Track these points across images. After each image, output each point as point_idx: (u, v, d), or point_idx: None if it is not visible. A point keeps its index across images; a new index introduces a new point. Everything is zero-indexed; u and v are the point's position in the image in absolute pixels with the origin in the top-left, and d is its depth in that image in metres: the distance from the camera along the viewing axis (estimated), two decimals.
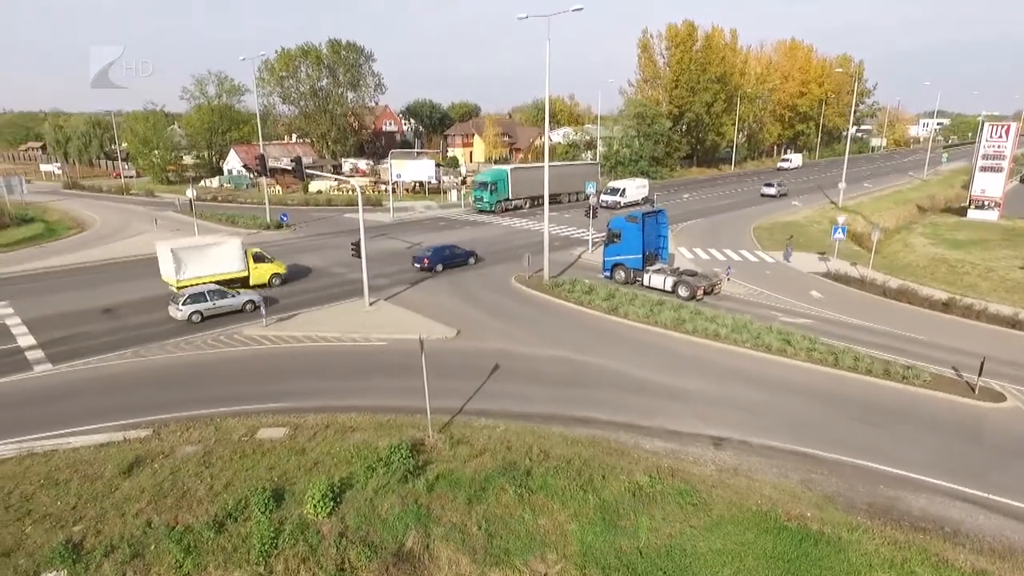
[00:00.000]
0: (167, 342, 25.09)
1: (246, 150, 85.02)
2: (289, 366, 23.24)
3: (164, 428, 18.58)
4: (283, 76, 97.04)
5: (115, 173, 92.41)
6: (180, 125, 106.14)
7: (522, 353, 24.65)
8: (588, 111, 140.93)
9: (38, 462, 16.76)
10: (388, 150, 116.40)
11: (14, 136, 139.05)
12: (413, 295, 31.78)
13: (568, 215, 55.36)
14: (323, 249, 42.05)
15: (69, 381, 21.77)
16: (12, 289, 32.60)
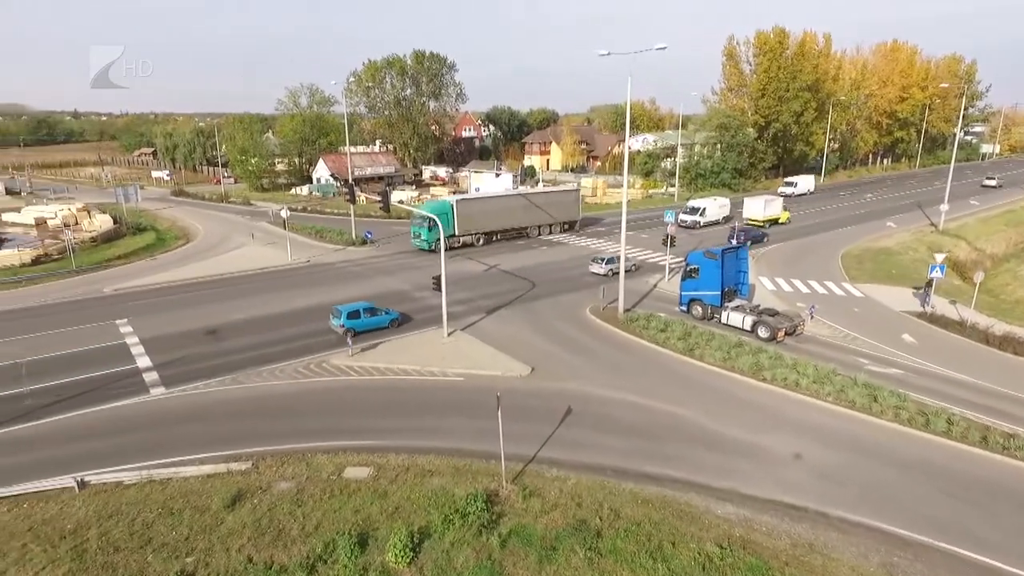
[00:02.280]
0: (263, 368, 27.08)
1: (334, 159, 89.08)
2: (372, 400, 24.58)
3: (262, 461, 20.21)
4: (369, 87, 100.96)
5: (215, 179, 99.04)
6: (274, 133, 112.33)
7: (595, 396, 24.95)
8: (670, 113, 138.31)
9: (156, 490, 18.70)
10: (467, 156, 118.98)
11: (130, 142, 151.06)
12: (489, 325, 32.65)
13: (645, 236, 54.79)
14: (405, 271, 43.75)
15: (179, 406, 23.95)
16: (130, 306, 35.95)
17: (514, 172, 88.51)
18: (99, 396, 24.39)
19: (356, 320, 30.66)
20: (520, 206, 52.66)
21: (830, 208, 70.91)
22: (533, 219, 53.60)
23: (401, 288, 39.36)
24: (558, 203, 55.30)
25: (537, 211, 53.70)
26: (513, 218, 52.01)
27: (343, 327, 29.87)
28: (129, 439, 21.62)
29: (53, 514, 17.60)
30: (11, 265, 45.41)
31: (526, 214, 52.97)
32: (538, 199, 54.98)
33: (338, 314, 30.73)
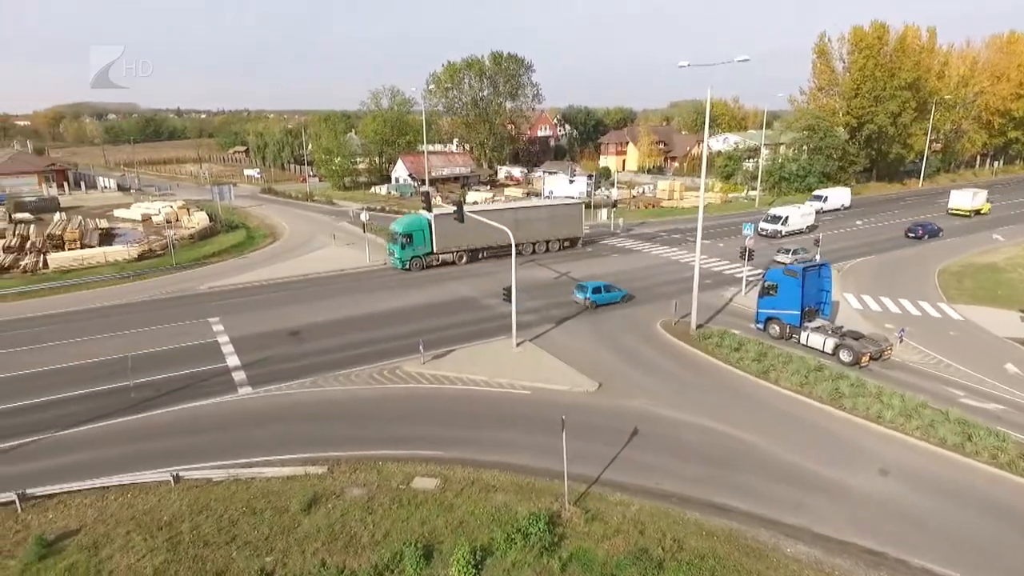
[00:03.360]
0: (340, 372, 28.36)
1: (412, 159, 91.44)
2: (442, 410, 25.24)
3: (336, 466, 21.24)
4: (448, 88, 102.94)
5: (301, 178, 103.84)
6: (356, 132, 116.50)
7: (663, 417, 24.61)
8: (755, 111, 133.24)
9: (241, 488, 20.04)
10: (542, 156, 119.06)
11: (225, 141, 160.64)
12: (558, 336, 32.75)
13: (722, 245, 53.17)
14: (477, 276, 44.48)
15: (264, 407, 25.50)
16: (221, 305, 38.44)
17: (589, 174, 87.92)
18: (193, 393, 26.32)
19: (599, 295, 36.93)
20: (510, 221, 44.44)
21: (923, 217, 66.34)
22: (527, 235, 48.25)
23: (470, 295, 40.09)
24: (558, 217, 50.33)
25: (532, 226, 48.55)
26: (501, 234, 49.23)
27: (588, 299, 36.20)
28: (218, 437, 23.23)
29: (152, 505, 19.23)
30: (120, 260, 49.51)
31: (518, 230, 44.53)
32: (533, 213, 50.14)
33: (583, 289, 37.02)
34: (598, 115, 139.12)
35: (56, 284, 43.33)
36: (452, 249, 46.89)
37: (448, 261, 47.00)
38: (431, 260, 46.19)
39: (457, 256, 47.28)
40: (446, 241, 46.31)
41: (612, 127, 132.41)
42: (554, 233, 50.45)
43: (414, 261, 45.58)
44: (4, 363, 29.56)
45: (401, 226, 45.80)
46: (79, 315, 37.02)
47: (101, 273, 46.01)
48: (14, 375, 28.21)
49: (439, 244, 46.12)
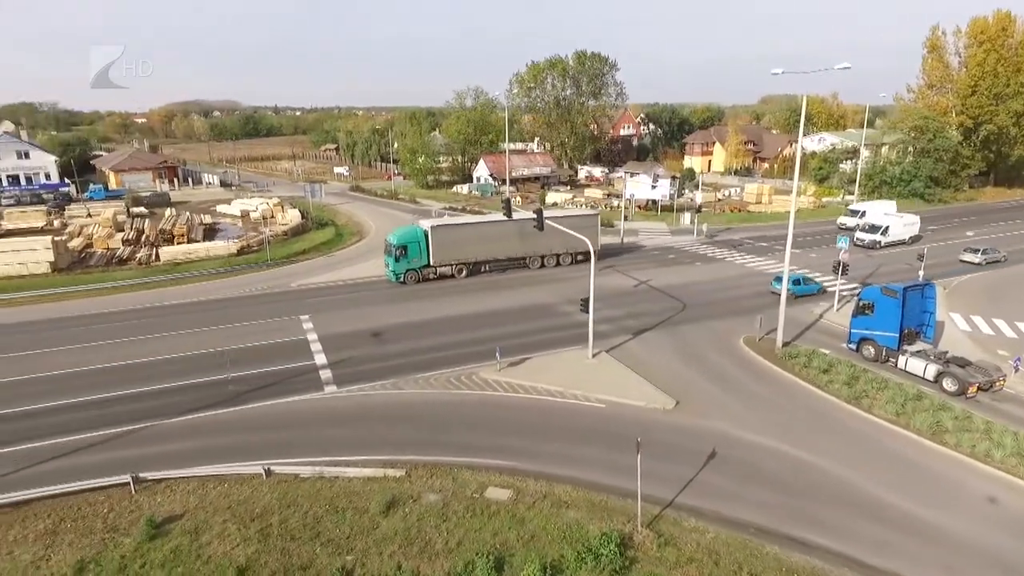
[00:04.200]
0: (418, 376, 29.22)
1: (494, 160, 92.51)
2: (516, 419, 25.51)
3: (414, 470, 21.95)
4: (531, 87, 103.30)
5: (387, 175, 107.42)
6: (440, 132, 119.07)
7: (743, 440, 23.81)
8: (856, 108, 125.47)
9: (325, 486, 21.11)
10: (624, 156, 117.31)
11: (317, 139, 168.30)
12: (635, 348, 32.32)
13: (814, 255, 50.59)
14: (552, 282, 44.48)
15: (347, 406, 26.70)
16: (310, 303, 40.47)
17: (672, 175, 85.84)
18: (284, 389, 27.93)
19: (799, 286, 39.11)
20: (515, 233, 44.69)
21: None
22: (534, 248, 46.10)
23: (547, 301, 40.17)
24: (575, 227, 48.05)
25: (540, 239, 44.00)
26: (505, 246, 45.45)
27: (791, 292, 35.86)
28: (305, 433, 24.54)
29: (246, 496, 20.60)
30: (221, 255, 53.05)
31: (524, 242, 45.42)
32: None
33: (794, 283, 38.38)
34: (683, 114, 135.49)
35: (163, 277, 47.03)
36: (451, 262, 44.76)
37: (446, 275, 44.90)
38: (427, 273, 44.31)
39: (456, 269, 45.06)
40: (444, 253, 44.33)
41: (698, 126, 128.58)
42: (567, 246, 46.93)
43: (409, 274, 43.76)
44: (120, 352, 32.42)
45: (395, 237, 43.94)
46: (184, 308, 40.05)
47: (204, 268, 49.54)
48: (129, 363, 30.88)
49: (436, 257, 44.17)
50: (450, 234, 44.58)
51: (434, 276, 44.54)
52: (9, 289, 43.63)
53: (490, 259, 45.76)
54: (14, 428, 24.83)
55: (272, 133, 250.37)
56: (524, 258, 46.64)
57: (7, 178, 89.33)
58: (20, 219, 66.25)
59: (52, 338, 34.47)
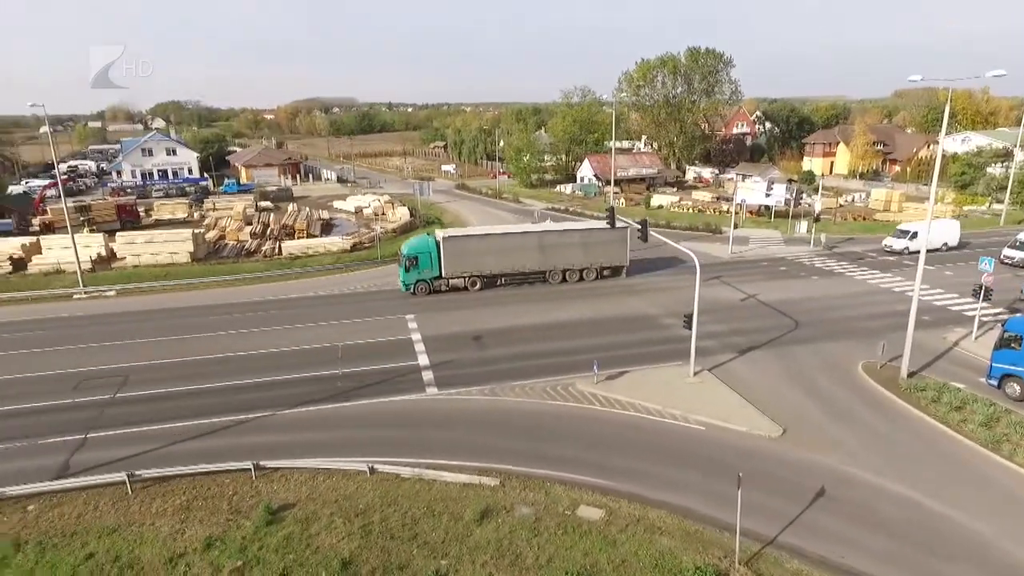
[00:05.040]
0: (516, 383, 29.62)
1: (598, 160, 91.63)
2: (611, 436, 25.26)
3: (508, 481, 22.34)
4: (640, 86, 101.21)
5: (492, 174, 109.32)
6: (546, 130, 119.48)
7: (857, 479, 22.18)
8: (1012, 102, 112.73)
9: (424, 489, 21.97)
10: (736, 156, 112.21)
11: (427, 136, 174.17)
12: (740, 368, 30.95)
13: (950, 272, 46.02)
14: (655, 292, 43.45)
15: (447, 410, 27.58)
16: (416, 302, 41.98)
17: (789, 179, 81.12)
18: (389, 388, 29.31)
19: None
20: (534, 246, 44.05)
21: None
22: (554, 262, 44.60)
23: (649, 312, 39.29)
24: (595, 244, 45.22)
25: (561, 252, 44.57)
26: (523, 259, 44.01)
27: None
28: (406, 434, 25.61)
29: (351, 491, 21.87)
30: (335, 250, 56.33)
31: (543, 256, 44.29)
32: (565, 238, 45.46)
33: None
34: (804, 111, 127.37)
35: (285, 271, 50.61)
36: (464, 274, 43.61)
37: (459, 287, 43.93)
38: (439, 285, 43.44)
39: (469, 282, 43.86)
40: (456, 265, 43.30)
41: (820, 124, 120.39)
42: (590, 260, 45.24)
43: (419, 285, 43.12)
44: (246, 342, 35.34)
45: (407, 247, 43.57)
46: (303, 302, 42.94)
47: (320, 262, 52.84)
48: (252, 354, 33.58)
49: (448, 268, 43.19)
50: (463, 245, 43.60)
51: (446, 288, 43.74)
52: (159, 277, 48.77)
53: (506, 272, 44.30)
54: (160, 408, 27.78)
55: (385, 129, 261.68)
56: (544, 272, 44.91)
57: (157, 172, 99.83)
58: (167, 210, 73.82)
59: (192, 325, 38.20)
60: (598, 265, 45.34)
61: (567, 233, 45.82)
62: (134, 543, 19.63)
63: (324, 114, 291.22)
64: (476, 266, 43.55)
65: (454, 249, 43.04)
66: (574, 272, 45.13)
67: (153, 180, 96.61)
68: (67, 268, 48.78)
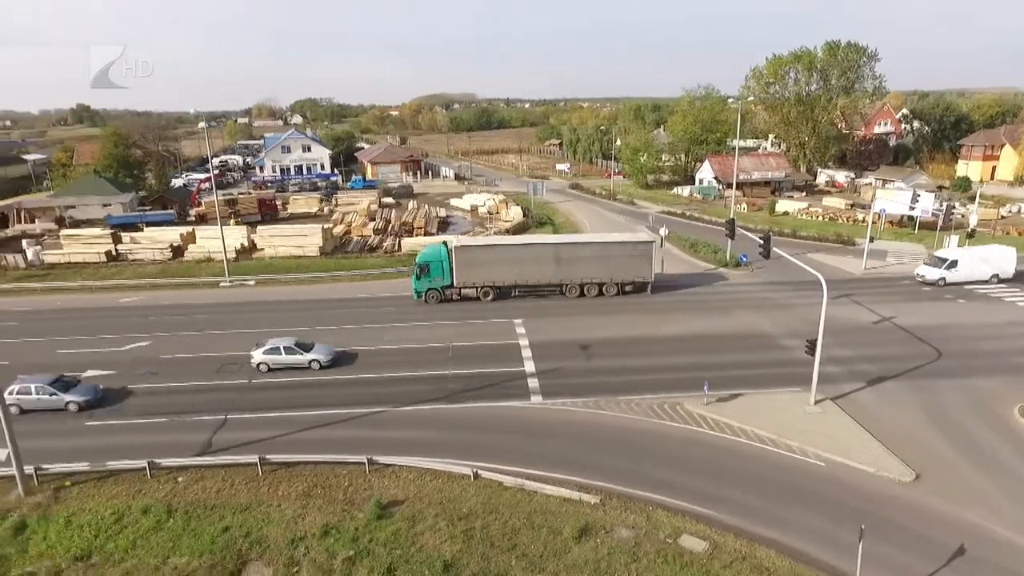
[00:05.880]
0: (621, 398, 29.20)
1: (720, 161, 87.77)
2: (720, 463, 24.23)
3: (608, 500, 22.16)
4: (769, 83, 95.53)
5: (606, 174, 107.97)
6: (664, 129, 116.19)
7: (1003, 540, 19.82)
8: None
9: (525, 499, 22.31)
10: (877, 158, 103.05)
11: (543, 133, 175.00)
12: (869, 400, 28.53)
13: None
14: (775, 308, 40.98)
15: (550, 420, 27.73)
16: (524, 306, 42.27)
17: (939, 185, 73.29)
18: (495, 393, 29.96)
19: None
20: (549, 257, 42.60)
21: None
22: (571, 274, 42.82)
23: (767, 330, 37.12)
24: (616, 258, 43.09)
25: (578, 265, 42.73)
26: (537, 271, 42.63)
27: None
28: (510, 441, 26.06)
29: (456, 494, 22.66)
30: None
31: (559, 268, 42.66)
32: (582, 251, 43.55)
33: None
34: (961, 108, 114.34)
35: (402, 268, 52.99)
36: (476, 284, 42.89)
37: (471, 296, 43.30)
38: (450, 294, 42.99)
39: (482, 292, 43.07)
40: (468, 274, 42.56)
41: (981, 124, 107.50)
42: (610, 275, 43.04)
43: (431, 293, 42.89)
44: (365, 338, 37.46)
45: (419, 257, 43.60)
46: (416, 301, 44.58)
47: None
48: (371, 349, 35.49)
49: (460, 277, 42.56)
50: (475, 255, 42.94)
51: (457, 297, 43.29)
52: (291, 268, 52.96)
53: (519, 283, 43.19)
54: (288, 395, 30.23)
55: (502, 125, 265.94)
56: (560, 285, 43.34)
57: (294, 167, 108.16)
58: (301, 205, 79.84)
59: (318, 317, 41.08)
60: (619, 280, 43.45)
61: (585, 245, 44.64)
62: (263, 522, 21.61)
63: (445, 110, 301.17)
64: (488, 276, 42.89)
65: (466, 258, 42.51)
66: (592, 286, 43.43)
67: (290, 175, 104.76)
68: (215, 257, 54.18)
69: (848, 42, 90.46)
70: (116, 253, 57.48)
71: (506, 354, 34.26)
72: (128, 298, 46.93)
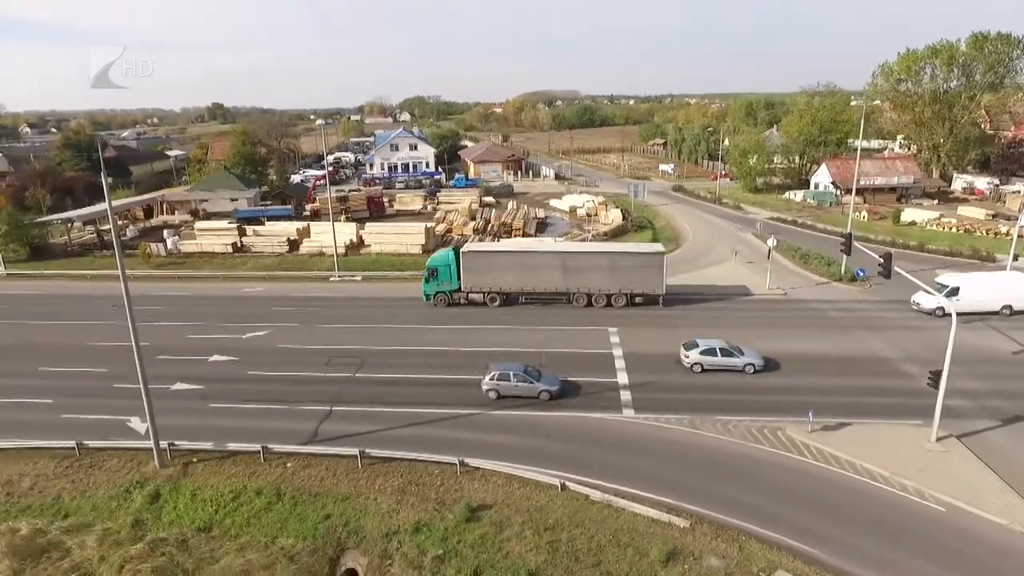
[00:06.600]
0: (717, 418, 28.16)
1: (839, 165, 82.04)
2: (823, 497, 22.78)
3: (699, 525, 21.51)
4: (900, 80, 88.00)
5: (712, 175, 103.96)
6: (778, 128, 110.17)
7: None
8: None
9: (611, 516, 22.12)
10: None
11: (647, 132, 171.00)
12: (1002, 441, 25.77)
13: None
14: (895, 330, 37.78)
15: (641, 435, 27.21)
16: (618, 314, 41.80)
17: None
18: (586, 403, 29.84)
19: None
20: (556, 265, 42.36)
21: None
22: (578, 284, 42.50)
23: (885, 354, 34.37)
24: (624, 269, 42.17)
25: (585, 275, 42.35)
26: (544, 279, 42.63)
27: None
28: (598, 454, 25.84)
29: (543, 504, 22.85)
30: None
31: (566, 277, 42.37)
32: (590, 260, 42.84)
33: None
34: None
35: None
36: (483, 289, 43.38)
37: (477, 301, 43.63)
38: (458, 298, 43.71)
39: (488, 298, 43.54)
40: (475, 279, 43.18)
41: None
42: (619, 286, 42.30)
43: (439, 297, 43.88)
44: (461, 338, 38.43)
45: (430, 259, 44.91)
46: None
47: None
48: (466, 350, 36.30)
49: (467, 282, 43.23)
50: (483, 260, 43.38)
51: (464, 301, 43.82)
52: (395, 266, 55.31)
53: (526, 291, 43.43)
54: (387, 391, 31.61)
55: (605, 123, 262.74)
56: (567, 294, 43.05)
57: (401, 165, 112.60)
58: (406, 202, 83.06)
59: (416, 315, 42.66)
60: (628, 291, 42.65)
61: (592, 255, 44.16)
62: (360, 513, 22.87)
63: (547, 107, 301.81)
64: (495, 282, 43.42)
65: (473, 264, 43.22)
66: (601, 297, 42.84)
67: (397, 173, 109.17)
68: (327, 251, 57.60)
69: (998, 33, 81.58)
70: (241, 245, 62.59)
71: (599, 363, 33.98)
72: (249, 288, 50.95)
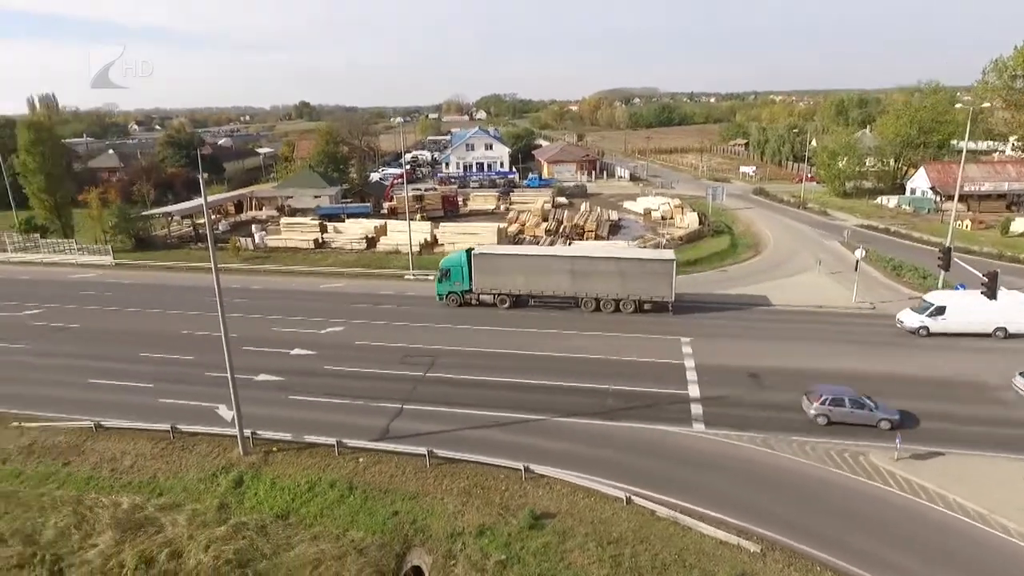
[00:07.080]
0: (794, 438, 26.97)
1: (939, 169, 76.68)
2: (909, 532, 21.42)
3: (770, 551, 20.73)
4: (1016, 76, 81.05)
5: (797, 178, 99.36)
6: (871, 129, 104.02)
7: None
8: None
9: (677, 534, 21.67)
10: None
11: (728, 132, 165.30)
12: None
13: None
14: (999, 353, 34.66)
15: (712, 451, 26.46)
16: (694, 323, 40.64)
17: None
18: (654, 415, 29.27)
19: None
20: (565, 269, 43.11)
21: None
22: (586, 288, 42.97)
23: (984, 379, 31.75)
24: (633, 275, 42.32)
25: (593, 280, 42.81)
26: (553, 283, 43.44)
27: None
28: (665, 468, 25.35)
29: (607, 516, 22.68)
30: None
31: (575, 281, 43.00)
32: (598, 265, 43.02)
33: None
34: None
35: None
36: (493, 291, 44.55)
37: (488, 303, 44.73)
38: (469, 298, 45.07)
39: (499, 299, 44.58)
40: (486, 281, 44.41)
41: None
42: (627, 292, 42.44)
43: (451, 297, 45.32)
44: (531, 342, 38.54)
45: (443, 260, 46.35)
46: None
47: None
48: (536, 355, 36.28)
49: (478, 283, 44.50)
50: (494, 262, 44.51)
51: (475, 303, 44.99)
52: None
53: (535, 293, 44.32)
54: (457, 392, 32.12)
55: (684, 122, 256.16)
56: (576, 298, 43.60)
57: (475, 165, 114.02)
58: (480, 202, 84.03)
59: (487, 317, 43.18)
60: (636, 297, 42.63)
61: (601, 260, 44.10)
62: (427, 512, 23.46)
63: (624, 105, 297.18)
64: (505, 284, 44.48)
65: (485, 265, 44.36)
66: (609, 302, 43.04)
67: (472, 172, 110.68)
68: (402, 250, 59.20)
69: None
70: (322, 241, 65.35)
71: (670, 374, 33.29)
72: (328, 284, 53.12)
